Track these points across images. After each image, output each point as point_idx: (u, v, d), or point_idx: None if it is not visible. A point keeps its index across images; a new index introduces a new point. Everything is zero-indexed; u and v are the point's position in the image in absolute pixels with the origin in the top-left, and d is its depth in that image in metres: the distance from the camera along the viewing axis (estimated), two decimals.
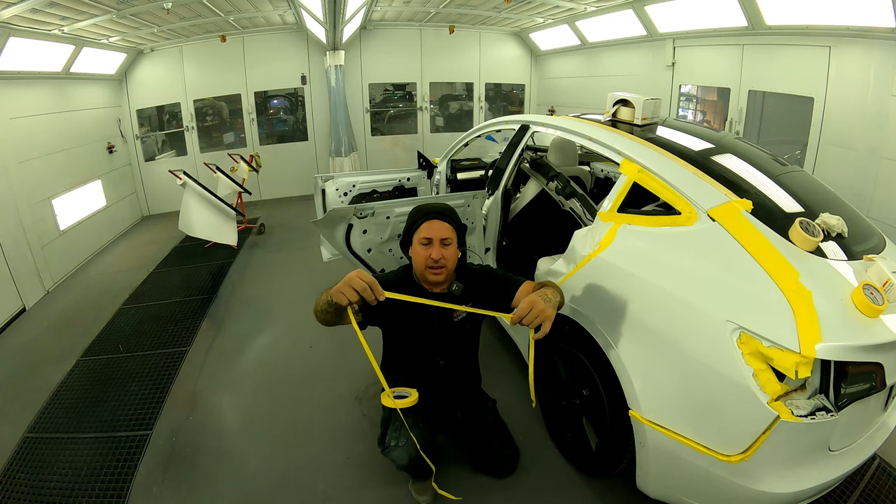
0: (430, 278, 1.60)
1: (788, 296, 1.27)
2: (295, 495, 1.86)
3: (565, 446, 1.98)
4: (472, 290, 1.67)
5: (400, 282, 1.66)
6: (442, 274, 1.59)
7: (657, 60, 4.82)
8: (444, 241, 1.58)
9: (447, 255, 1.58)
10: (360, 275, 1.25)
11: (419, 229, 1.61)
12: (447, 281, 1.64)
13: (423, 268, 1.59)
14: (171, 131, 6.39)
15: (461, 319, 1.72)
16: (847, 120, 3.23)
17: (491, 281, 1.69)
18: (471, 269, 1.74)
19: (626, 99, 2.28)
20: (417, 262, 1.61)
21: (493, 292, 1.66)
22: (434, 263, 1.56)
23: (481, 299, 1.66)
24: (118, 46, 5.17)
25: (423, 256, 1.58)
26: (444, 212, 1.63)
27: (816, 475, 1.33)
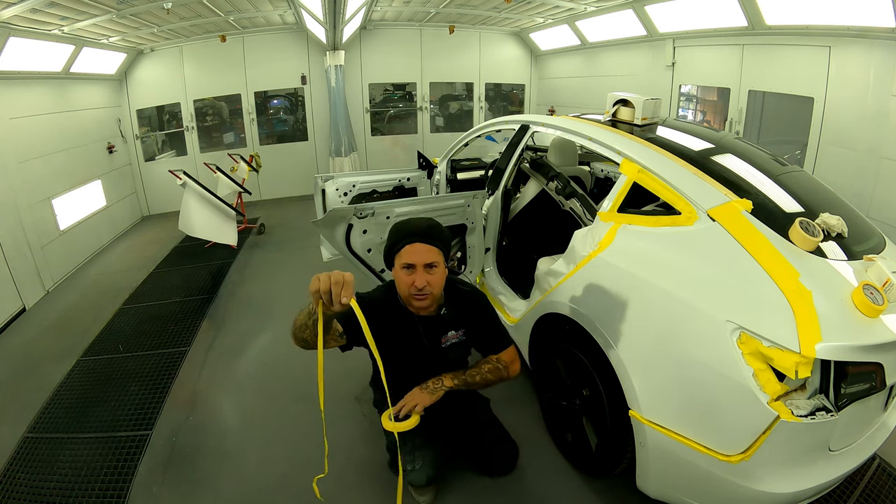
0: (414, 305, 1.52)
1: (788, 296, 1.27)
2: (295, 495, 1.86)
3: (565, 446, 1.98)
4: (463, 315, 1.62)
5: (383, 303, 1.56)
6: (427, 300, 1.50)
7: (657, 60, 4.82)
8: (428, 267, 1.46)
9: (433, 282, 1.47)
10: (345, 274, 1.12)
11: (400, 253, 1.48)
12: (434, 304, 1.57)
13: (407, 295, 1.50)
14: (171, 131, 6.39)
15: (450, 345, 1.64)
16: (847, 120, 3.23)
17: (482, 316, 1.66)
18: (462, 293, 1.65)
19: (626, 99, 2.28)
20: (401, 287, 1.51)
21: (482, 327, 1.64)
22: (418, 291, 1.46)
23: (473, 328, 1.63)
24: (118, 46, 5.17)
25: (406, 283, 1.47)
26: (427, 233, 1.47)
27: (816, 475, 1.33)
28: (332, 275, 1.10)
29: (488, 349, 1.69)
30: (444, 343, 1.62)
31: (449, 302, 1.58)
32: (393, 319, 1.54)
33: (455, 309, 1.58)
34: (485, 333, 1.68)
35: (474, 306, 1.65)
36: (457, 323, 1.61)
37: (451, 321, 1.57)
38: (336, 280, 1.09)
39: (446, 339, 1.62)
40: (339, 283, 1.09)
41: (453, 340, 1.63)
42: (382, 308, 1.47)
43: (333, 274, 1.11)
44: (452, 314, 1.54)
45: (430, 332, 1.59)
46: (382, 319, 1.46)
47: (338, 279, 1.09)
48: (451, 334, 1.63)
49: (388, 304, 1.56)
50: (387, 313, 1.47)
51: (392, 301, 1.58)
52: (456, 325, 1.61)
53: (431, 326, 1.60)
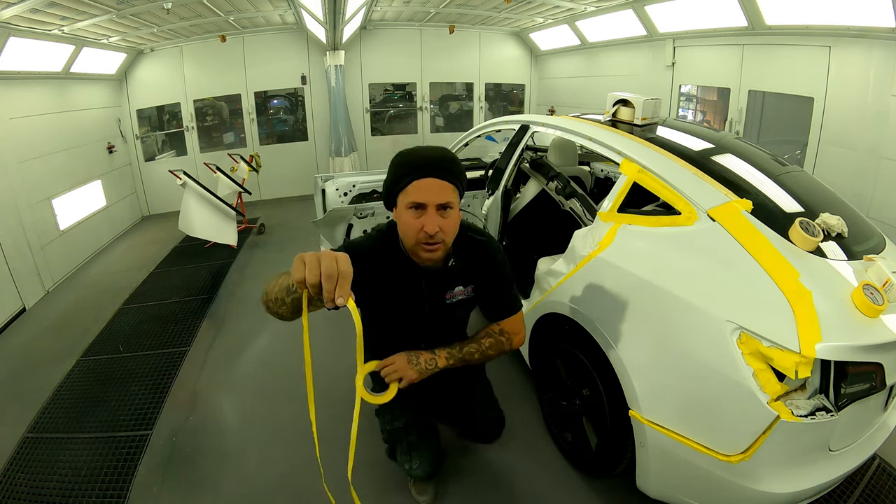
0: (422, 256, 1.22)
1: (788, 296, 1.27)
2: (295, 495, 1.86)
3: (565, 446, 1.98)
4: (473, 269, 1.34)
5: (380, 252, 1.27)
6: (438, 250, 1.20)
7: (657, 60, 4.82)
8: (442, 208, 1.16)
9: (446, 227, 1.17)
10: (340, 258, 0.84)
11: (406, 190, 1.16)
12: (443, 255, 1.28)
13: (414, 242, 1.19)
14: (171, 131, 6.38)
15: (456, 303, 1.38)
16: (847, 120, 3.23)
17: (496, 273, 1.39)
18: (476, 242, 1.36)
19: (626, 99, 2.28)
20: (406, 232, 1.20)
21: (493, 286, 1.38)
22: (429, 238, 1.16)
23: (482, 284, 1.36)
24: (118, 46, 5.16)
25: (413, 228, 1.16)
26: (440, 166, 1.16)
27: (816, 475, 1.33)
28: (323, 264, 0.82)
29: (495, 312, 1.44)
30: (448, 299, 1.36)
31: (458, 252, 1.31)
32: (391, 270, 1.28)
33: (465, 260, 1.31)
34: (495, 293, 1.41)
35: (488, 260, 1.37)
36: (466, 277, 1.34)
37: (460, 275, 1.31)
38: (328, 273, 0.81)
39: (452, 296, 1.35)
40: (333, 279, 0.81)
41: (460, 297, 1.37)
42: (379, 258, 1.22)
43: (324, 261, 0.82)
44: (461, 266, 1.28)
45: (435, 286, 1.33)
46: (379, 270, 1.24)
47: (330, 272, 0.81)
48: (458, 290, 1.36)
49: (385, 253, 1.28)
50: (384, 263, 1.22)
51: (390, 248, 1.29)
52: (465, 279, 1.34)
53: (436, 280, 1.33)
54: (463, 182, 1.22)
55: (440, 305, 1.36)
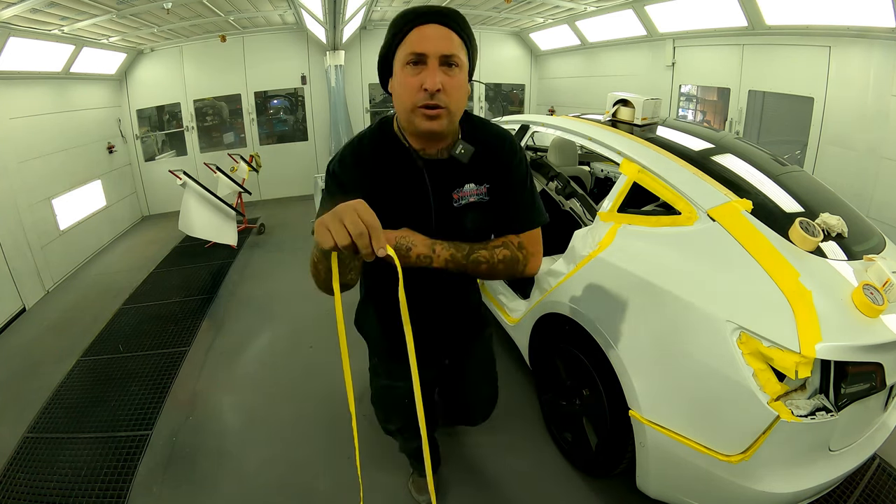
0: (421, 126, 0.97)
1: (788, 296, 1.27)
2: (295, 495, 1.86)
3: (565, 446, 1.98)
4: (488, 164, 1.08)
5: (374, 148, 1.06)
6: (440, 118, 0.96)
7: (657, 60, 4.82)
8: (446, 62, 0.94)
9: (450, 88, 0.94)
10: (360, 209, 0.73)
11: (404, 42, 0.96)
12: (449, 137, 1.05)
13: (411, 107, 0.96)
14: (171, 131, 6.39)
15: (466, 205, 1.09)
16: (847, 120, 3.23)
17: (515, 172, 1.11)
18: (491, 133, 1.12)
19: (626, 99, 2.28)
20: (402, 96, 0.97)
21: (512, 188, 1.11)
22: (428, 99, 0.93)
23: (499, 185, 1.10)
24: (118, 46, 5.17)
25: (411, 87, 0.94)
26: (446, 12, 0.98)
27: (816, 475, 1.33)
28: (348, 222, 0.72)
29: (512, 222, 1.12)
30: (457, 200, 1.08)
31: (469, 140, 1.07)
32: (389, 166, 1.05)
33: (477, 152, 1.05)
34: (513, 197, 1.12)
35: (506, 154, 1.10)
36: (478, 173, 1.08)
37: (471, 169, 1.06)
38: (358, 232, 0.71)
39: (461, 195, 1.08)
40: (364, 235, 0.72)
41: (471, 198, 1.09)
42: (375, 155, 1.02)
43: (347, 219, 0.72)
44: (473, 158, 1.04)
45: (440, 181, 1.06)
46: (376, 170, 1.04)
47: (359, 229, 0.71)
48: (468, 188, 1.09)
49: (381, 148, 1.06)
50: (381, 159, 1.03)
51: (385, 135, 1.07)
52: (477, 175, 1.08)
53: (441, 173, 1.06)
54: (472, 42, 1.01)
55: (446, 208, 1.08)
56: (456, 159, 1.03)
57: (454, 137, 1.06)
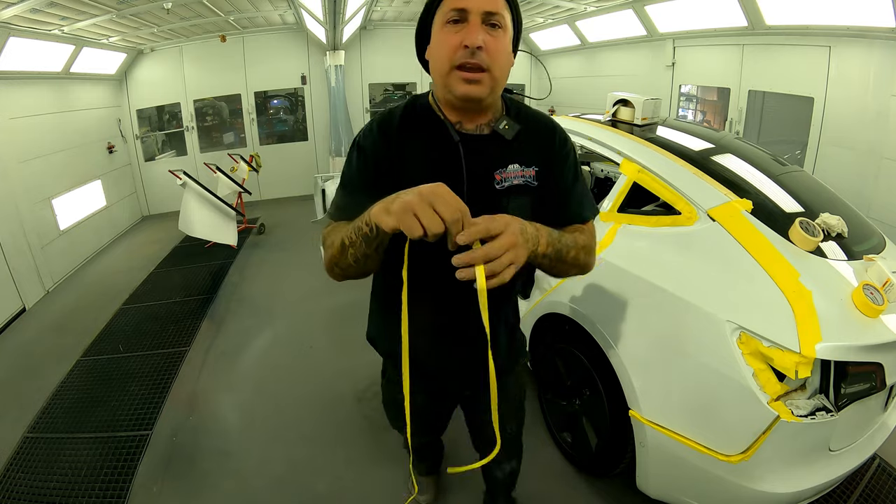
0: (458, 90, 0.85)
1: (788, 296, 1.27)
2: (295, 495, 1.86)
3: (565, 446, 1.98)
4: (535, 146, 0.95)
5: (404, 114, 0.95)
6: (481, 83, 0.84)
7: (657, 60, 4.82)
8: (489, 20, 0.83)
9: (493, 49, 0.83)
10: (449, 194, 0.67)
11: (444, 2, 0.86)
12: (490, 112, 0.93)
13: (448, 69, 0.85)
14: (171, 131, 6.39)
15: (510, 188, 0.92)
16: (847, 120, 3.23)
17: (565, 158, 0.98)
18: (537, 116, 1.00)
19: (626, 99, 2.28)
20: (438, 59, 0.87)
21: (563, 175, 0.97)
22: (469, 57, 0.82)
23: (548, 171, 0.95)
24: (118, 46, 5.16)
25: (449, 45, 0.83)
26: None
27: (816, 475, 1.33)
28: (441, 208, 0.65)
29: (568, 214, 0.98)
30: (500, 181, 0.91)
31: (515, 117, 0.95)
32: (416, 136, 0.93)
33: (524, 130, 0.93)
34: (569, 185, 0.97)
35: (557, 139, 0.97)
36: (525, 154, 0.93)
37: (516, 148, 0.92)
38: (453, 219, 0.65)
39: (505, 176, 0.92)
40: (460, 221, 0.66)
41: (516, 180, 0.92)
42: (403, 120, 0.92)
43: (440, 205, 0.65)
44: (518, 137, 0.92)
45: (478, 159, 0.91)
46: (400, 137, 0.92)
47: (454, 216, 0.65)
48: (513, 168, 0.92)
49: (412, 114, 0.95)
50: (408, 127, 0.92)
51: (419, 107, 0.95)
52: (523, 156, 0.93)
53: (480, 150, 0.91)
54: (517, 9, 0.91)
55: (487, 191, 0.91)
56: (499, 135, 0.91)
57: (496, 114, 0.94)
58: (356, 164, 0.94)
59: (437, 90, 0.92)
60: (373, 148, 0.92)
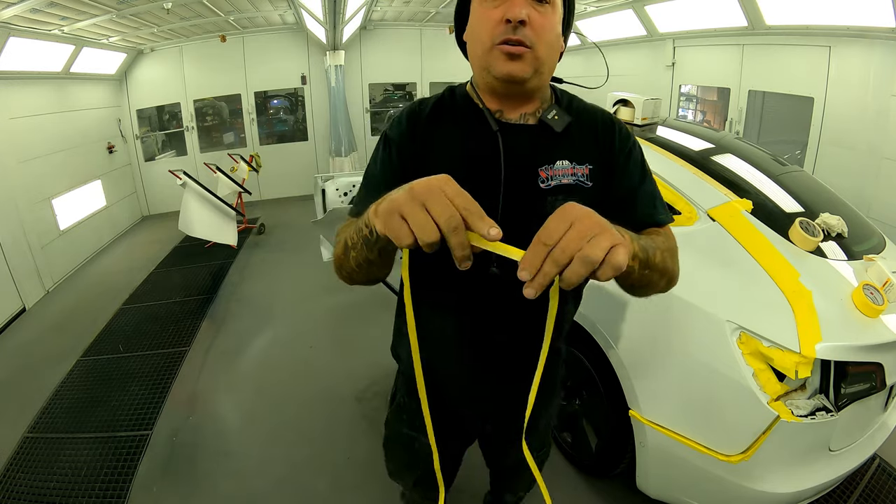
0: (498, 69, 0.73)
1: (788, 296, 1.27)
2: (295, 495, 1.86)
3: (565, 446, 1.98)
4: (589, 140, 0.81)
5: (438, 102, 0.84)
6: (524, 60, 0.72)
7: (657, 60, 4.83)
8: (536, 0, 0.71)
9: (539, 24, 0.72)
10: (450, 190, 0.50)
11: None
12: (536, 99, 0.80)
13: (489, 45, 0.73)
14: (171, 131, 6.39)
15: (556, 189, 0.77)
16: (847, 120, 3.23)
17: (627, 154, 0.82)
18: (591, 109, 0.86)
19: (626, 99, 2.28)
20: (478, 37, 0.76)
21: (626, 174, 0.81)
22: (511, 32, 0.70)
23: (606, 169, 0.81)
24: (118, 46, 5.16)
25: (490, 19, 0.72)
26: None
27: (816, 475, 1.33)
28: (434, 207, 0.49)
29: (635, 218, 0.80)
30: (546, 179, 0.77)
31: (566, 108, 0.83)
32: (449, 126, 0.81)
33: (576, 123, 0.81)
34: (638, 186, 0.82)
35: (618, 134, 0.83)
36: (577, 149, 0.79)
37: (568, 141, 0.79)
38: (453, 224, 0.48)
39: (552, 174, 0.77)
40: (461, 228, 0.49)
41: (565, 179, 0.78)
42: (436, 108, 0.82)
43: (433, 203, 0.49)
44: (569, 129, 0.79)
45: (520, 153, 0.78)
46: (431, 128, 0.81)
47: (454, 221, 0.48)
48: (562, 165, 0.78)
49: (447, 103, 0.84)
50: (441, 116, 0.81)
51: (454, 97, 0.84)
52: (575, 151, 0.79)
53: (524, 143, 0.78)
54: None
55: (528, 191, 0.77)
56: (547, 126, 0.78)
57: (544, 103, 0.81)
58: (380, 157, 0.84)
59: (475, 74, 0.81)
60: (400, 140, 0.81)
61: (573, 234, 0.47)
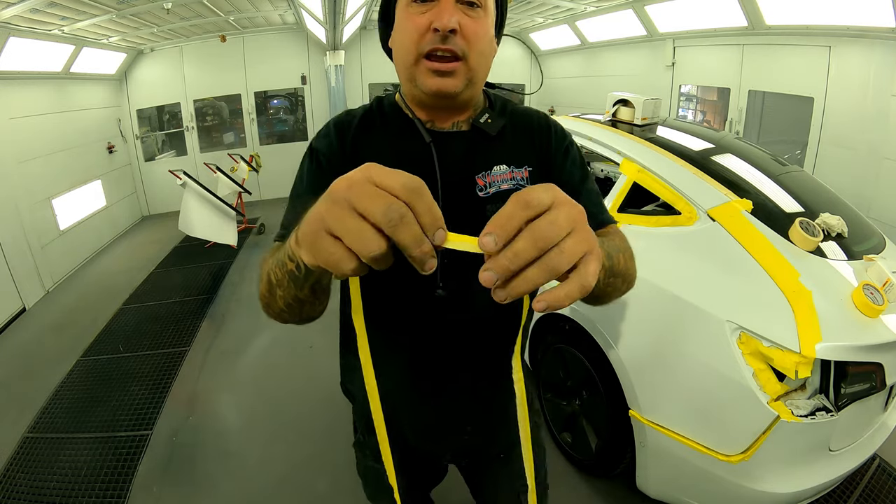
0: (426, 84, 0.67)
1: (788, 296, 1.27)
2: (295, 495, 1.86)
3: (565, 446, 1.98)
4: (526, 142, 0.77)
5: (366, 114, 0.77)
6: (455, 75, 0.67)
7: (657, 60, 4.82)
8: (466, 3, 0.66)
9: (471, 31, 0.66)
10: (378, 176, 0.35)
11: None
12: (469, 108, 0.75)
13: (414, 58, 0.67)
14: (171, 131, 6.39)
15: (494, 197, 0.72)
16: (847, 120, 3.23)
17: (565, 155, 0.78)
18: (527, 111, 0.81)
19: (626, 99, 2.28)
20: (403, 47, 0.69)
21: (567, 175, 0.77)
22: (440, 42, 0.64)
23: (546, 170, 0.77)
24: (118, 46, 5.17)
25: (415, 28, 0.65)
26: None
27: (816, 475, 1.33)
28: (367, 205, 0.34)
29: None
30: (484, 187, 0.73)
31: (501, 113, 0.78)
32: (379, 138, 0.75)
33: (512, 126, 0.77)
34: (572, 187, 0.76)
35: (555, 133, 0.79)
36: (515, 152, 0.75)
37: (503, 145, 0.75)
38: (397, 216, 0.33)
39: (490, 180, 0.73)
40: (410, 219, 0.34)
41: (504, 184, 0.73)
42: (364, 120, 0.76)
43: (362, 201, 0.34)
44: (504, 133, 0.75)
45: (455, 161, 0.72)
46: (359, 140, 0.75)
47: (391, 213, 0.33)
48: (500, 171, 0.74)
49: (375, 114, 0.77)
50: (370, 128, 0.75)
51: (383, 108, 0.78)
52: (513, 154, 0.75)
53: (458, 151, 0.74)
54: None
55: (466, 200, 0.72)
56: (481, 130, 0.73)
57: (477, 109, 0.76)
58: (307, 171, 0.76)
59: (402, 85, 0.74)
60: (328, 151, 0.74)
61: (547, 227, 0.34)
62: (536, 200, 0.34)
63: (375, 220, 0.33)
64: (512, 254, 0.33)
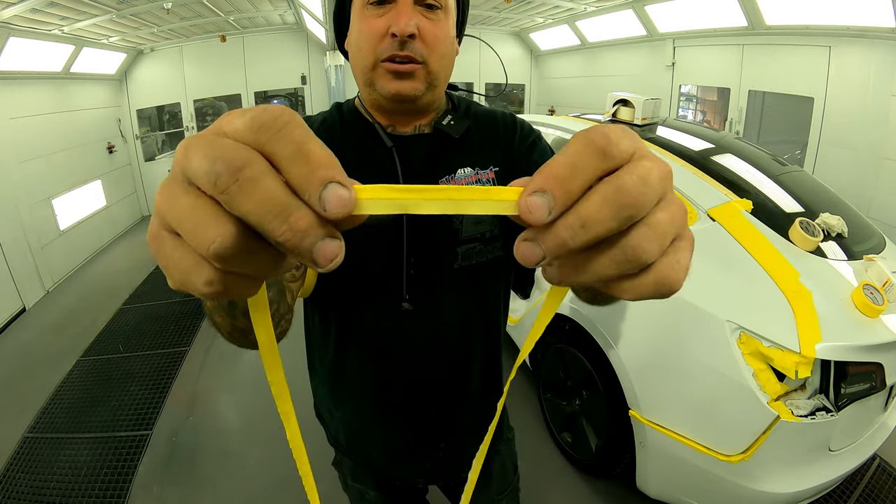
0: (385, 89, 0.64)
1: (788, 296, 1.27)
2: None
3: (565, 446, 1.98)
4: (490, 142, 0.74)
5: (324, 121, 0.73)
6: (414, 79, 0.64)
7: (657, 60, 4.83)
8: (425, 5, 0.64)
9: (430, 34, 0.64)
10: (229, 119, 0.21)
11: None
12: (430, 112, 0.73)
13: (372, 62, 0.64)
14: (171, 131, 6.39)
15: None
16: (847, 120, 3.23)
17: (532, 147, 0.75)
18: (488, 111, 0.79)
19: (626, 99, 2.28)
20: (360, 51, 0.66)
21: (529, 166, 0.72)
22: (398, 48, 0.62)
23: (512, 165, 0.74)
24: (118, 46, 5.17)
25: (372, 32, 0.63)
26: None
27: (816, 475, 1.33)
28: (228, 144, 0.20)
29: None
30: None
31: (464, 114, 0.75)
32: (339, 146, 0.70)
33: (473, 127, 0.74)
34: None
35: (520, 130, 0.76)
36: (479, 153, 0.73)
37: (467, 148, 0.72)
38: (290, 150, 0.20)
39: (454, 184, 0.68)
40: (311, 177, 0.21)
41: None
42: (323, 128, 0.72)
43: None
44: (468, 134, 0.73)
45: (417, 166, 0.70)
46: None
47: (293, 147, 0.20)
48: (464, 173, 0.71)
49: (334, 122, 0.73)
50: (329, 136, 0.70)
51: (342, 115, 0.74)
52: (477, 155, 0.73)
53: (420, 155, 0.71)
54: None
55: None
56: (444, 133, 0.70)
57: (439, 112, 0.74)
58: None
59: (360, 89, 0.71)
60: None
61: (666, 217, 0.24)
62: (616, 145, 0.22)
63: (200, 184, 0.21)
64: (579, 223, 0.21)
